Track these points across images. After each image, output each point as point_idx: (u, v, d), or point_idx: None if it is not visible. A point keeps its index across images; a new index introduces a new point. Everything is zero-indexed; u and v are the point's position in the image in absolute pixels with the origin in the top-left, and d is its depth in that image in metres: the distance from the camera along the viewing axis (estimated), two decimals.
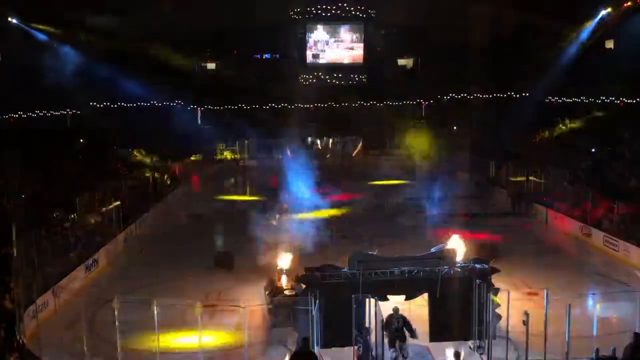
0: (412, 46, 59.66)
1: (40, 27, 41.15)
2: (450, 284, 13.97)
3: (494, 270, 14.43)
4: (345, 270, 13.78)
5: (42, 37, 42.10)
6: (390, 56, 60.85)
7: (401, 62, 62.56)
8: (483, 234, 25.38)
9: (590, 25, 42.54)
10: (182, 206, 35.02)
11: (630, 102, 37.46)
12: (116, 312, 13.91)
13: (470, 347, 14.45)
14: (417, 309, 15.55)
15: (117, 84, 47.30)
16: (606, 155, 33.03)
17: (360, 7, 57.43)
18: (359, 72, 60.59)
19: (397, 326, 13.60)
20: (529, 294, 18.18)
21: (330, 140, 59.09)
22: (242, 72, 56.28)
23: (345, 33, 59.10)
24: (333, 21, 58.37)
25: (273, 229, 22.35)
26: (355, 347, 13.31)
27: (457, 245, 15.81)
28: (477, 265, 14.10)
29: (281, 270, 17.73)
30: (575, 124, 42.02)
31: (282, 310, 15.27)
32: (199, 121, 56.82)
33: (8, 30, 38.12)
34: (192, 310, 15.17)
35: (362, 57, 59.54)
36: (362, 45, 59.15)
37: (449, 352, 14.47)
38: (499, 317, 13.94)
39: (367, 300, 13.50)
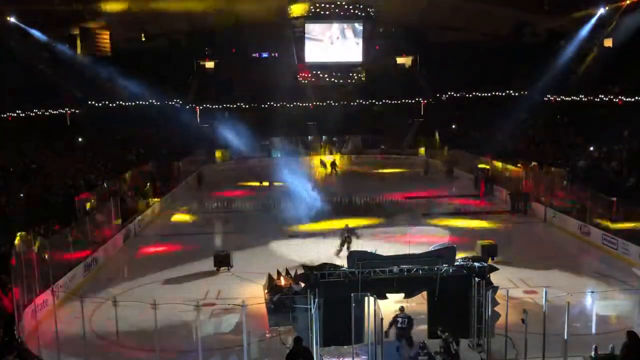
0: (410, 45, 59.69)
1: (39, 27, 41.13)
2: (449, 283, 13.97)
3: (493, 269, 14.44)
4: (344, 269, 13.78)
5: (40, 36, 42.05)
6: (389, 55, 60.87)
7: (400, 60, 62.59)
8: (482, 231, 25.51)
9: (590, 23, 42.53)
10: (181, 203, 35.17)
11: (628, 101, 37.44)
12: (115, 311, 13.92)
13: (469, 345, 14.48)
14: (416, 307, 15.59)
15: (116, 83, 47.28)
16: (604, 154, 33.06)
17: (359, 5, 57.38)
18: (357, 70, 60.56)
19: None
20: (528, 292, 18.22)
21: (329, 139, 59.06)
22: (241, 71, 56.34)
23: (344, 32, 59.04)
24: (332, 20, 58.30)
25: None
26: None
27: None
28: (476, 264, 14.11)
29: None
30: None
31: (281, 309, 15.27)
32: (198, 120, 56.79)
33: (7, 30, 38.10)
34: (191, 309, 15.19)
35: (360, 55, 59.51)
36: (360, 43, 59.11)
37: None
38: (497, 315, 13.95)
39: (366, 298, 13.52)
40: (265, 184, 38.38)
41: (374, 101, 59.22)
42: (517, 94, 50.63)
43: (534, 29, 52.52)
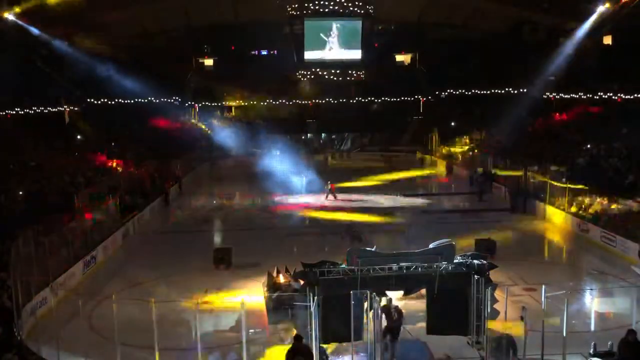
0: (409, 42, 59.65)
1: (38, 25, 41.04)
2: (448, 280, 13.98)
3: (492, 266, 14.45)
4: (343, 266, 13.79)
5: (39, 33, 41.92)
6: (388, 52, 60.83)
7: (399, 58, 62.52)
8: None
9: (589, 20, 42.48)
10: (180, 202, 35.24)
11: (628, 98, 37.47)
12: (114, 309, 13.91)
13: (468, 343, 14.50)
14: (415, 305, 15.62)
15: (115, 81, 47.19)
16: (603, 151, 33.07)
17: (358, 2, 57.35)
18: (356, 68, 60.52)
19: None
20: (527, 289, 18.24)
21: (328, 137, 59.16)
22: (240, 69, 56.27)
23: (343, 29, 58.99)
24: (330, 17, 58.25)
25: None
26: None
27: None
28: (475, 261, 14.12)
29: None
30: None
31: (280, 306, 15.28)
32: (197, 118, 56.77)
33: (5, 27, 37.99)
34: (190, 307, 15.20)
35: (359, 53, 59.48)
36: (359, 41, 59.07)
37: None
38: (496, 312, 13.97)
39: (365, 296, 13.54)
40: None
41: (373, 99, 59.17)
42: (516, 92, 50.67)
43: (533, 26, 52.47)
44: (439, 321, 14.25)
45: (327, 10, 57.64)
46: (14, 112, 38.29)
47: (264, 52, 61.46)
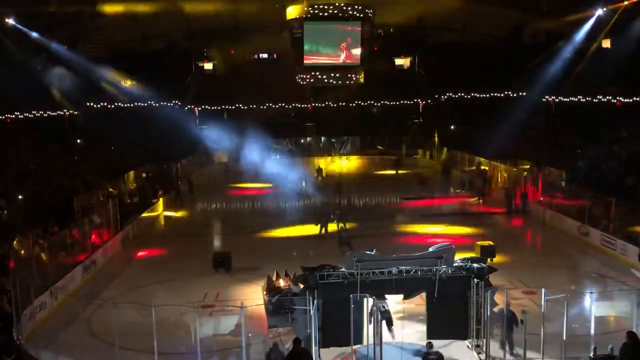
0: (409, 45, 59.70)
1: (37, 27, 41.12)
2: (448, 284, 13.98)
3: (492, 270, 14.45)
4: (343, 270, 13.78)
5: (39, 38, 42.01)
6: (387, 56, 60.85)
7: (398, 61, 62.53)
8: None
9: (588, 24, 42.56)
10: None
11: (627, 102, 37.51)
12: (114, 313, 13.91)
13: (468, 347, 14.49)
14: (415, 309, 15.59)
15: (115, 85, 47.23)
16: (603, 154, 33.08)
17: (358, 6, 57.40)
18: (356, 71, 60.53)
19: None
20: (527, 292, 18.22)
21: (327, 141, 59.17)
22: (240, 73, 56.31)
23: (342, 32, 59.00)
24: (330, 20, 58.25)
25: None
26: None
27: None
28: (475, 265, 14.12)
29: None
30: None
31: (280, 310, 15.27)
32: (197, 122, 56.73)
33: (5, 31, 38.08)
34: (190, 311, 15.20)
35: (359, 56, 59.49)
36: (359, 44, 59.11)
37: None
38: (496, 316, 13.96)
39: (365, 299, 13.53)
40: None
41: (372, 102, 59.23)
42: (515, 95, 50.68)
43: (533, 30, 52.58)
44: (439, 325, 14.24)
45: (326, 14, 57.64)
46: (14, 116, 38.32)
47: (264, 56, 61.48)
